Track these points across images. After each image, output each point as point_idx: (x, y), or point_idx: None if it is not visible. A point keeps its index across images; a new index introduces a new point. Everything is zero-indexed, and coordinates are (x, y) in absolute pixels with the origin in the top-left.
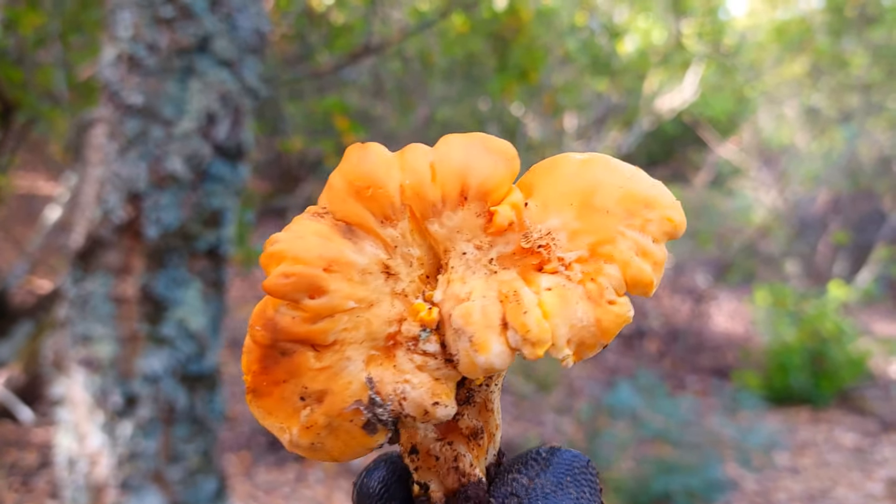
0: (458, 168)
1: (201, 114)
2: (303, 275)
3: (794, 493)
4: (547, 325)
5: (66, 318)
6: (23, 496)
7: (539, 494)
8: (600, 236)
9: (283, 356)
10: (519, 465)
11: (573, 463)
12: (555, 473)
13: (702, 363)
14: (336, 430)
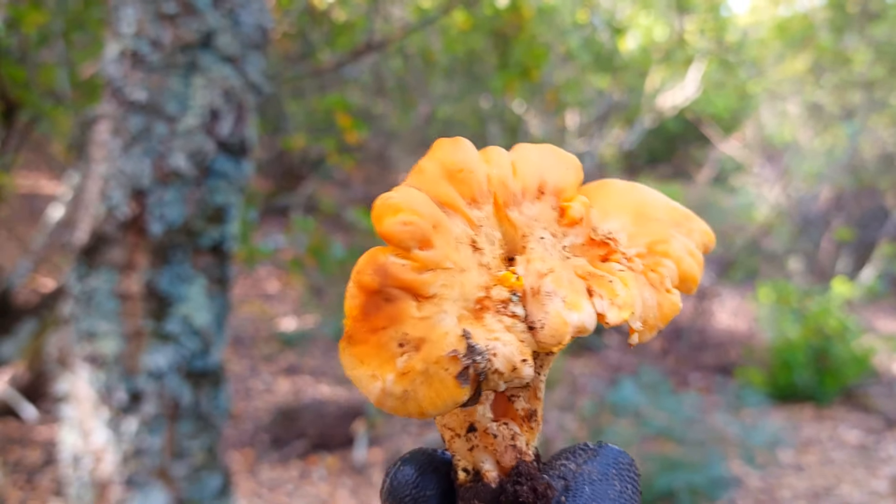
0: (536, 168)
1: (205, 110)
2: (418, 226)
3: (799, 490)
4: (629, 292)
5: (71, 314)
6: (27, 494)
7: (586, 480)
8: (656, 237)
9: (386, 302)
10: (567, 453)
11: (619, 458)
12: (601, 464)
13: (705, 360)
14: (431, 378)
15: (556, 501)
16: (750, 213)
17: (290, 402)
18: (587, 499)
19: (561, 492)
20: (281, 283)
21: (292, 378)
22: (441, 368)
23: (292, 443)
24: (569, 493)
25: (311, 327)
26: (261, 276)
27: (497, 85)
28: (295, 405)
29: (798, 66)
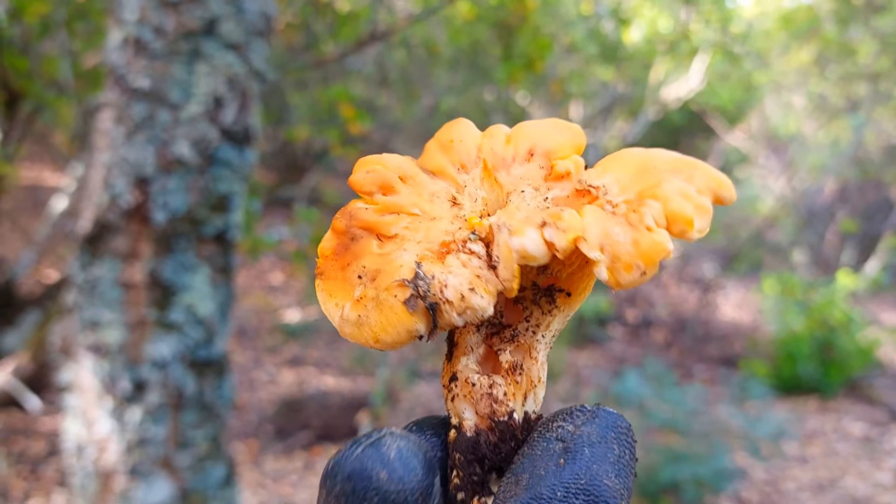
0: (529, 136)
1: (208, 97)
2: (380, 174)
3: (803, 482)
4: (580, 220)
5: (74, 303)
6: (31, 484)
7: (585, 442)
8: (648, 183)
9: (352, 241)
10: (564, 414)
11: (618, 422)
12: (600, 426)
13: (709, 352)
14: (381, 304)
15: (554, 462)
16: (755, 206)
17: (294, 394)
18: (587, 461)
19: (559, 453)
20: (285, 275)
21: (296, 369)
22: (390, 295)
23: (296, 434)
24: (568, 455)
25: (314, 319)
26: (265, 268)
27: (501, 76)
28: (299, 396)
29: (803, 58)
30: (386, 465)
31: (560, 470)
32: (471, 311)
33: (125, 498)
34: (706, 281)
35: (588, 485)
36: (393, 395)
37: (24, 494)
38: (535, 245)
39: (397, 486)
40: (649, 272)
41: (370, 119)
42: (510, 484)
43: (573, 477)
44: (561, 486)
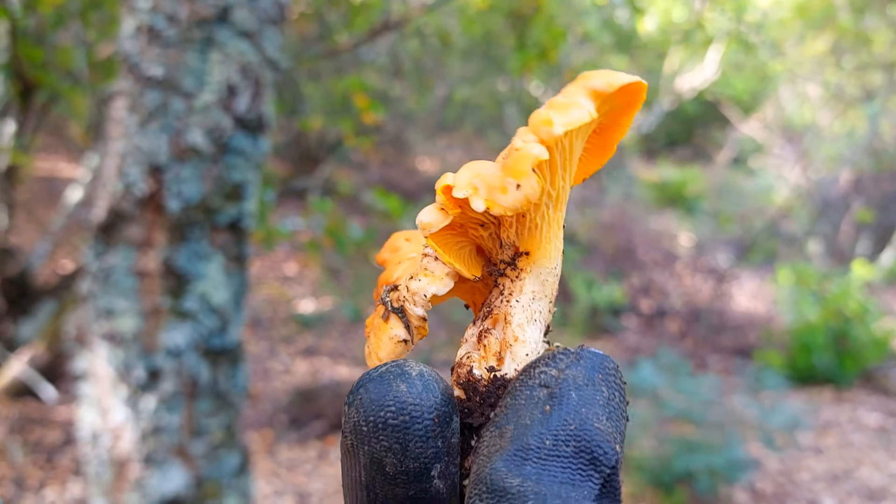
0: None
1: (222, 86)
2: (390, 242)
3: (818, 472)
4: (454, 175)
5: (89, 292)
6: (47, 473)
7: (571, 385)
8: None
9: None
10: (546, 359)
11: (604, 363)
12: (586, 368)
13: (724, 343)
14: (374, 330)
15: (540, 410)
16: (769, 196)
17: (309, 383)
18: (574, 406)
19: (544, 399)
20: (299, 266)
21: (310, 359)
22: (376, 318)
23: (311, 423)
24: (553, 401)
25: (328, 309)
26: (279, 259)
27: (514, 66)
28: (313, 386)
29: (818, 47)
30: (406, 381)
31: (547, 417)
32: (419, 294)
33: (140, 486)
34: (720, 271)
35: (578, 430)
36: None
37: (40, 483)
38: (426, 214)
39: (415, 399)
40: (525, 184)
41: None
42: (493, 437)
43: (561, 423)
44: (549, 434)
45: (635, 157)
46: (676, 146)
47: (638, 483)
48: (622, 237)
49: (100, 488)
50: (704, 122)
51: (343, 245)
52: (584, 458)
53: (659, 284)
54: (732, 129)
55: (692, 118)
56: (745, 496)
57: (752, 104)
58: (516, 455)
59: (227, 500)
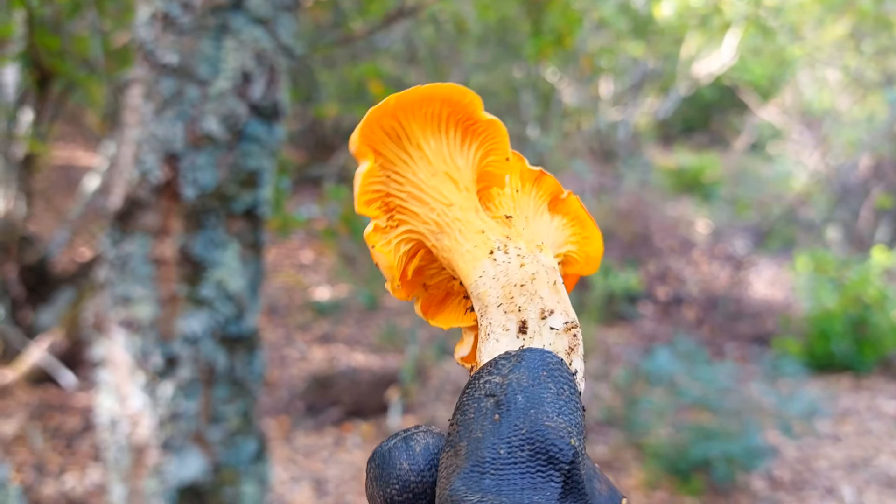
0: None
1: (237, 73)
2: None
3: (836, 460)
4: None
5: (106, 279)
6: (67, 459)
7: (517, 388)
8: None
9: None
10: (489, 367)
11: (547, 359)
12: (529, 368)
13: (741, 330)
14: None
15: (489, 420)
16: (787, 182)
17: (325, 370)
18: (522, 408)
19: (492, 409)
20: (315, 253)
21: (326, 346)
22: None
23: (327, 410)
24: (501, 408)
25: (344, 296)
26: (295, 246)
27: (530, 52)
28: (329, 373)
29: (838, 31)
30: (409, 458)
31: (497, 426)
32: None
33: (158, 472)
34: (738, 258)
35: (529, 432)
36: (423, 371)
37: (60, 469)
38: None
39: (416, 477)
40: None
41: None
42: (450, 457)
43: (512, 429)
44: (502, 442)
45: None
46: (693, 132)
47: (654, 471)
48: (639, 224)
49: (118, 474)
50: (722, 107)
51: (358, 232)
52: (540, 460)
53: (676, 271)
54: (750, 114)
55: (709, 104)
56: (763, 484)
57: (771, 89)
58: (473, 471)
59: (244, 487)
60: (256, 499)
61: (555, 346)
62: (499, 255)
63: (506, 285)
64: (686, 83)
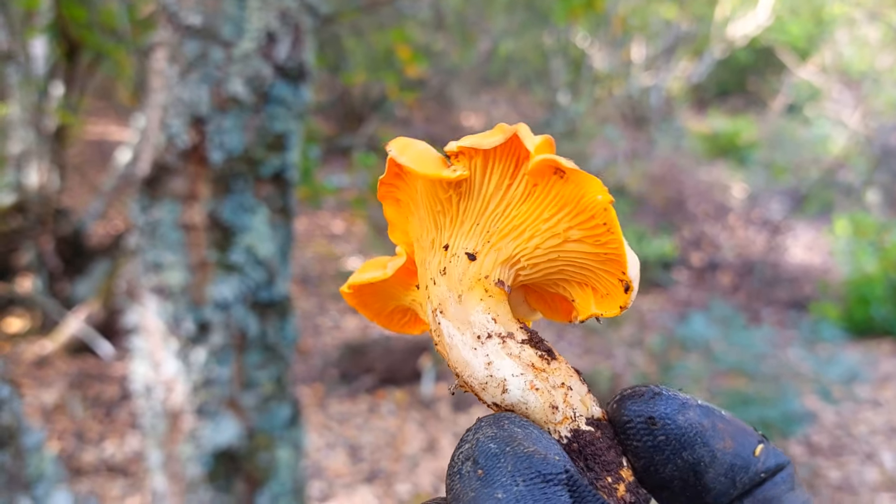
0: None
1: (261, 33)
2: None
3: (876, 425)
4: None
5: (137, 246)
6: (106, 427)
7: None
8: None
9: None
10: (460, 443)
11: (502, 414)
12: (490, 424)
13: (778, 296)
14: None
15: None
16: (825, 145)
17: (358, 339)
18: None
19: (472, 468)
20: (346, 224)
21: (359, 315)
22: None
23: (361, 378)
24: (479, 462)
25: None
26: (326, 217)
27: (560, 15)
28: (363, 341)
29: None
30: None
31: (485, 479)
32: None
33: (194, 437)
34: (775, 223)
35: (516, 467)
36: None
37: (100, 436)
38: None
39: None
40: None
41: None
42: None
43: (499, 473)
44: (497, 488)
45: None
46: (728, 96)
47: None
48: (672, 189)
49: (155, 440)
50: (757, 69)
51: None
52: (537, 484)
53: (710, 237)
54: (787, 74)
55: (744, 66)
56: (801, 449)
57: (808, 49)
58: None
59: (279, 452)
60: (291, 464)
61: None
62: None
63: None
64: (720, 45)
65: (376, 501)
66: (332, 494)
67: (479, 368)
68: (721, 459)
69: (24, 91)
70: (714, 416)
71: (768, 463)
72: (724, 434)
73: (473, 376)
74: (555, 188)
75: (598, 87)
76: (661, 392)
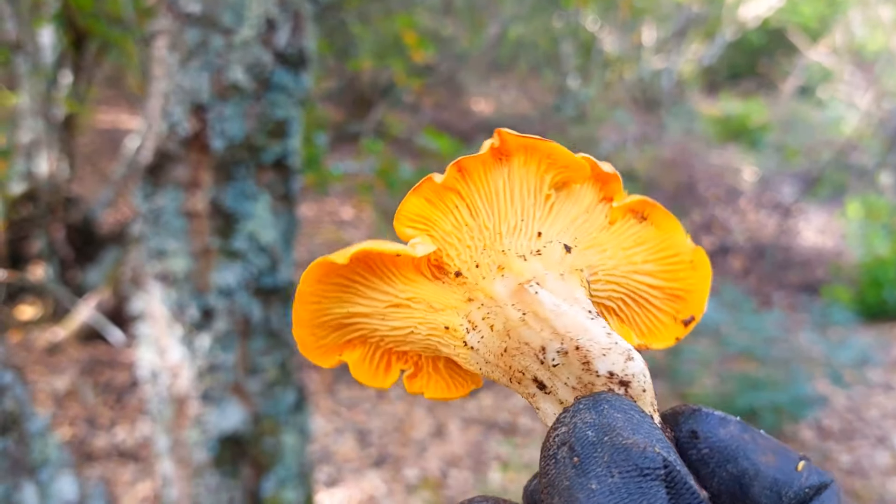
0: None
1: (261, 20)
2: None
3: (887, 409)
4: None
5: (141, 233)
6: (117, 413)
7: (584, 427)
8: None
9: None
10: (555, 424)
11: (602, 396)
12: (589, 408)
13: (789, 279)
14: None
15: (570, 465)
16: (838, 126)
17: None
18: (596, 441)
19: (568, 454)
20: (355, 210)
21: None
22: None
23: None
24: (576, 450)
25: None
26: (335, 203)
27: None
28: None
29: None
30: None
31: (580, 466)
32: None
33: (200, 422)
34: (786, 206)
35: (612, 457)
36: None
37: (111, 422)
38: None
39: None
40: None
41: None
42: None
43: (596, 463)
44: (592, 479)
45: (696, 91)
46: (740, 78)
47: None
48: (683, 173)
49: (162, 425)
50: (769, 51)
51: (394, 185)
52: (633, 477)
53: (721, 221)
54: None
55: (756, 48)
56: (811, 433)
57: (821, 30)
58: None
59: (284, 437)
60: (297, 449)
61: (573, 374)
62: (470, 338)
63: (497, 362)
64: (732, 27)
65: (384, 486)
66: (340, 479)
67: (602, 335)
68: (765, 473)
69: (33, 81)
70: (753, 431)
71: (811, 480)
72: (766, 448)
73: (594, 340)
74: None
75: (608, 70)
76: (700, 409)
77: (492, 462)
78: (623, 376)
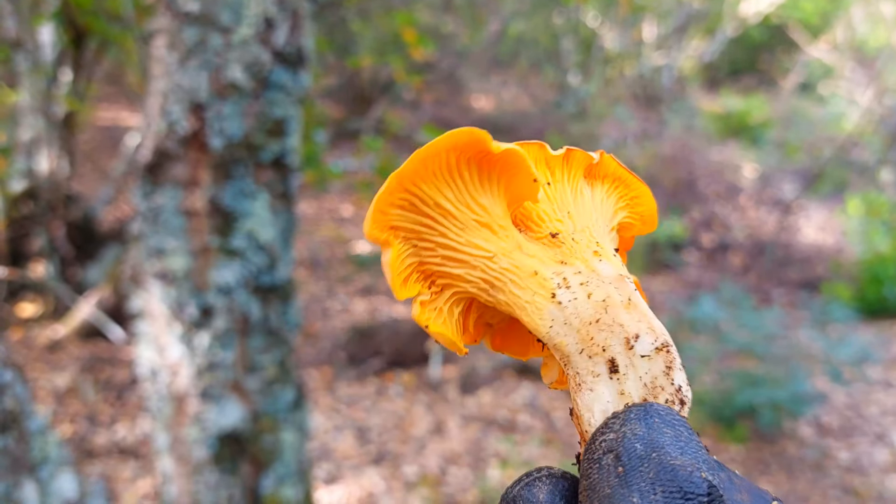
0: None
1: (259, 19)
2: None
3: (887, 406)
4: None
5: (140, 232)
6: (117, 410)
7: (633, 439)
8: None
9: None
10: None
11: (654, 408)
12: (640, 418)
13: (789, 276)
14: None
15: (614, 475)
16: (839, 123)
17: (366, 322)
18: (644, 455)
19: (613, 463)
20: (354, 207)
21: (368, 298)
22: None
23: (369, 360)
24: (622, 459)
25: None
26: (335, 201)
27: None
28: (371, 324)
29: None
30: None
31: (623, 478)
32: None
33: (199, 420)
34: (787, 203)
35: (657, 475)
36: None
37: (111, 419)
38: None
39: None
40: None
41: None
42: None
43: (638, 476)
44: (633, 491)
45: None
46: (741, 75)
47: (698, 418)
48: (683, 170)
49: (161, 423)
50: (770, 47)
51: None
52: (676, 499)
53: (721, 218)
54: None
55: (757, 45)
56: (810, 430)
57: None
58: None
59: (283, 434)
60: (296, 446)
61: (651, 372)
62: (561, 294)
63: (580, 328)
64: (733, 23)
65: (383, 483)
66: (339, 476)
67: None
68: None
69: (33, 78)
70: (728, 472)
71: None
72: (741, 488)
73: (677, 353)
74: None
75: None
76: None
77: (491, 459)
78: (684, 394)
